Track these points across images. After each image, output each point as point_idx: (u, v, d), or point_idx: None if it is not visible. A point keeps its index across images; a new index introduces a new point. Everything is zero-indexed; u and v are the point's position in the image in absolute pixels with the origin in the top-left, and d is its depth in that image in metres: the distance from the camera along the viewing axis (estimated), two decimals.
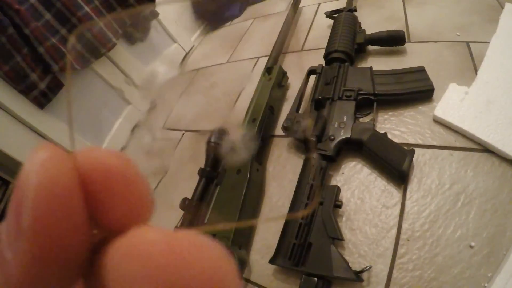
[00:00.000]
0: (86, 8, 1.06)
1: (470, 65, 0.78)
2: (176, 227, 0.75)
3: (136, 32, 1.32)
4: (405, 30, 0.90)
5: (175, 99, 1.33)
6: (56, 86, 1.02)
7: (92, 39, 1.10)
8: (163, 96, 1.38)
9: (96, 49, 1.12)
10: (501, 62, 0.74)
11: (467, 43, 0.84)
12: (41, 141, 0.99)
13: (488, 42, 0.79)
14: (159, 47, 1.50)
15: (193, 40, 1.69)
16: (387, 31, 0.89)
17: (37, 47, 0.94)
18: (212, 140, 0.80)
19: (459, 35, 0.86)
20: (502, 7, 0.86)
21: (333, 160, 0.73)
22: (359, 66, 0.92)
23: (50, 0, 0.99)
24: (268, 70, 0.99)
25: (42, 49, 0.95)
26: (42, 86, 0.97)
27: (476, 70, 0.76)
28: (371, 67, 0.82)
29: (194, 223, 0.73)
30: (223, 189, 0.75)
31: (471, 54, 0.81)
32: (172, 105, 1.30)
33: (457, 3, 0.96)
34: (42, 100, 0.98)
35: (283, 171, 0.81)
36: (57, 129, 1.02)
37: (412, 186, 0.65)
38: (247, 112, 0.87)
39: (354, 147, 0.73)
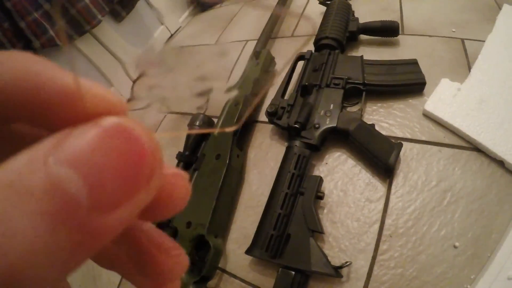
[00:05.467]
0: None
1: (464, 62, 0.76)
2: None
3: (122, 10, 1.26)
4: (399, 22, 0.87)
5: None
6: None
7: (76, 15, 1.03)
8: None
9: (80, 25, 1.06)
10: (496, 62, 0.72)
11: (462, 40, 0.81)
12: None
13: (484, 41, 0.76)
14: (146, 27, 1.44)
15: (180, 21, 1.63)
16: (381, 21, 0.85)
17: (19, 22, 0.89)
18: (196, 123, 0.76)
19: (454, 31, 0.84)
20: (500, 8, 0.84)
21: (317, 149, 0.69)
22: (349, 55, 0.88)
23: None
24: (256, 54, 0.95)
25: (24, 24, 0.90)
26: None
27: (469, 68, 0.74)
28: (362, 56, 0.79)
29: None
30: (201, 174, 0.72)
31: (465, 51, 0.79)
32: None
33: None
34: None
35: (265, 158, 0.77)
36: None
37: (398, 181, 0.63)
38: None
39: (339, 137, 0.70)
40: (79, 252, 0.08)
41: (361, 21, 0.90)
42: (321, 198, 0.62)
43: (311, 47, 0.90)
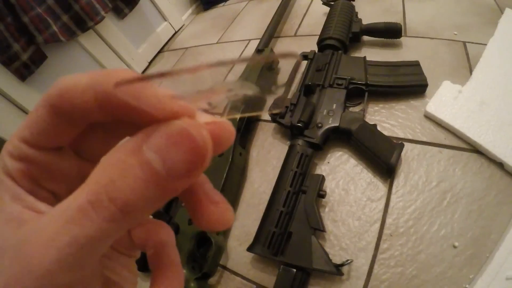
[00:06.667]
0: None
1: (465, 65, 0.77)
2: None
3: (125, 6, 1.26)
4: (402, 24, 0.88)
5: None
6: (39, 58, 0.98)
7: (79, 11, 1.04)
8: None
9: (83, 22, 1.07)
10: (497, 65, 0.73)
11: (464, 43, 0.82)
12: (21, 115, 0.96)
13: (485, 44, 0.77)
14: (149, 25, 1.45)
15: (184, 19, 1.63)
16: (384, 22, 0.86)
17: (22, 17, 0.90)
18: None
19: (456, 34, 0.85)
20: (502, 12, 0.85)
21: (319, 148, 0.70)
22: (352, 55, 0.89)
23: None
24: (258, 52, 0.95)
25: (27, 19, 0.90)
26: (25, 57, 0.93)
27: (471, 70, 0.75)
28: (365, 57, 0.80)
29: (172, 206, 0.72)
30: (203, 172, 0.72)
31: (467, 54, 0.79)
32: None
33: (457, 2, 0.94)
34: (24, 72, 0.94)
35: (267, 156, 0.78)
36: None
37: (399, 180, 0.63)
38: None
39: (342, 136, 0.71)
40: (160, 198, 0.13)
41: (364, 22, 0.90)
42: (323, 196, 0.63)
43: (314, 47, 0.91)
